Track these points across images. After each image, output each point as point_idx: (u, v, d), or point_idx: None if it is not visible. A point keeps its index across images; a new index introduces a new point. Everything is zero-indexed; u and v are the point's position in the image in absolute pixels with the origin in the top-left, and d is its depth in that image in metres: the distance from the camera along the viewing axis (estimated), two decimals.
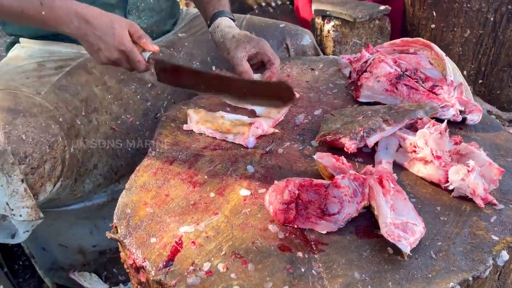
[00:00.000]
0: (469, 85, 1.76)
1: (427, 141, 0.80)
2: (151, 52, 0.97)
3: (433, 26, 1.71)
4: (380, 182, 0.73)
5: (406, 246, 0.64)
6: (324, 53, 1.82)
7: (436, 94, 0.95)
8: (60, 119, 0.99)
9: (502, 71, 1.68)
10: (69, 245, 1.21)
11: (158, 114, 1.20)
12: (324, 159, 0.79)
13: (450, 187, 0.76)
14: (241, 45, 1.10)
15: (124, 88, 1.15)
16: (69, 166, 0.98)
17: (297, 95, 1.05)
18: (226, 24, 1.16)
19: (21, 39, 1.16)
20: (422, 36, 1.78)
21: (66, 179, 0.99)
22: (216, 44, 1.18)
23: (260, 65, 1.16)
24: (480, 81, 1.74)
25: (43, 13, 0.91)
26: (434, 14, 1.68)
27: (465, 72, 1.74)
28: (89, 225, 1.19)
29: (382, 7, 1.76)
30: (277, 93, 0.88)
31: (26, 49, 1.14)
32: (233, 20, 1.21)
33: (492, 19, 1.57)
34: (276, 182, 0.75)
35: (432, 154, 0.79)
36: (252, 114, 1.03)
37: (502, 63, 1.66)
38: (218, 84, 0.95)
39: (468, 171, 0.74)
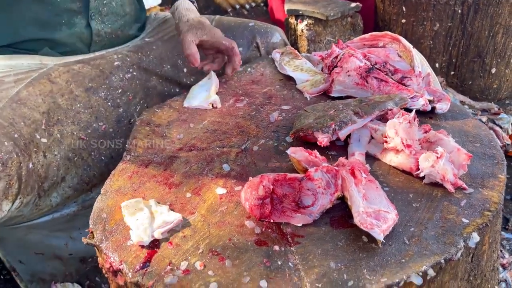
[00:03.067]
0: (441, 77, 1.80)
1: (397, 131, 0.81)
2: None
3: (403, 21, 1.74)
4: (352, 173, 0.74)
5: (379, 234, 0.65)
6: (299, 52, 1.84)
7: (406, 85, 0.98)
8: (16, 135, 0.96)
9: (472, 62, 1.72)
10: (45, 253, 1.19)
11: (132, 120, 1.19)
12: (297, 153, 0.80)
13: (421, 175, 0.78)
14: (192, 29, 1.11)
15: (93, 96, 1.13)
16: (27, 183, 0.95)
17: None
18: (185, 7, 1.17)
19: None
20: (394, 31, 1.81)
21: (27, 196, 0.96)
22: (174, 25, 1.18)
23: (215, 56, 1.17)
24: (452, 72, 1.78)
25: None
26: (404, 9, 1.71)
27: (437, 65, 1.78)
28: (64, 237, 1.17)
29: (353, 5, 1.79)
30: None
31: None
32: (193, 3, 1.22)
33: (459, 11, 1.61)
34: (251, 178, 0.76)
35: (403, 143, 0.80)
36: None
37: (472, 54, 1.70)
38: None
39: (437, 157, 0.76)
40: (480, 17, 1.59)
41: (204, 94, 1.10)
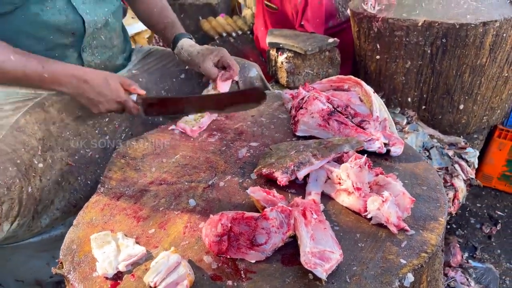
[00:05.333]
0: (413, 110, 1.89)
1: (348, 174, 0.89)
2: (137, 95, 1.13)
3: (378, 57, 1.84)
4: (304, 214, 0.81)
5: (321, 273, 0.72)
6: (279, 83, 1.92)
7: (364, 129, 1.05)
8: (18, 161, 1.04)
9: (441, 98, 1.81)
10: (25, 279, 1.24)
11: (117, 147, 1.26)
12: (256, 193, 0.86)
13: (369, 216, 0.85)
14: (207, 57, 1.29)
15: (82, 124, 1.20)
16: (26, 206, 1.02)
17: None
18: (189, 44, 1.35)
19: None
20: (369, 66, 1.91)
21: (23, 218, 1.03)
22: (184, 62, 1.37)
23: (222, 69, 1.34)
24: (423, 107, 1.87)
25: (45, 75, 1.04)
26: (378, 47, 1.81)
27: (409, 99, 1.87)
28: (47, 257, 1.23)
29: (330, 40, 1.88)
30: (251, 98, 1.11)
31: None
32: (191, 38, 1.39)
33: (429, 51, 1.71)
34: (211, 216, 0.82)
35: (353, 186, 0.88)
36: None
37: (441, 91, 1.79)
38: (201, 104, 1.16)
39: (383, 201, 0.83)
40: (448, 57, 1.69)
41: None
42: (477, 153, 1.81)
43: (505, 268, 1.88)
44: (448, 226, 2.12)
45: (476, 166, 1.80)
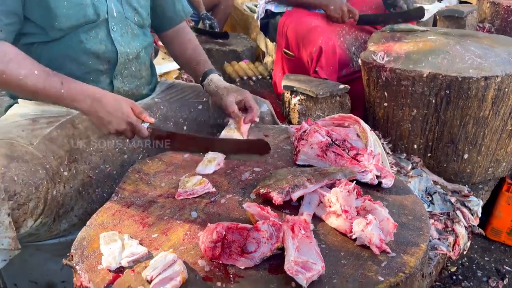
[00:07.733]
0: (419, 157, 1.96)
1: (338, 198, 0.97)
2: (149, 124, 1.25)
3: (385, 104, 1.94)
4: (292, 228, 0.89)
5: (302, 280, 0.79)
6: (291, 123, 2.04)
7: (358, 161, 1.14)
8: (47, 166, 1.16)
9: (446, 146, 1.88)
10: (39, 281, 1.32)
11: (133, 165, 1.38)
12: (251, 208, 0.95)
13: (353, 237, 0.92)
14: (231, 93, 1.42)
15: (105, 142, 1.34)
16: (49, 206, 1.14)
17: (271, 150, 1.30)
18: (218, 79, 1.51)
19: (19, 100, 1.37)
20: (377, 112, 2.01)
21: (46, 217, 1.13)
22: (210, 93, 1.51)
23: (242, 109, 1.45)
24: (429, 154, 1.93)
25: (62, 92, 1.15)
26: (386, 95, 1.91)
27: (415, 146, 1.94)
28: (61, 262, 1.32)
29: (341, 86, 2.01)
30: (255, 148, 1.27)
31: (23, 108, 1.34)
32: (220, 75, 1.55)
33: (433, 101, 1.80)
34: (209, 224, 0.91)
35: (341, 209, 0.95)
36: None
37: (446, 139, 1.86)
38: (207, 145, 1.29)
39: (367, 223, 0.91)
40: (452, 108, 1.78)
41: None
42: (481, 203, 1.83)
43: None
44: (454, 277, 2.10)
45: (480, 215, 1.82)
